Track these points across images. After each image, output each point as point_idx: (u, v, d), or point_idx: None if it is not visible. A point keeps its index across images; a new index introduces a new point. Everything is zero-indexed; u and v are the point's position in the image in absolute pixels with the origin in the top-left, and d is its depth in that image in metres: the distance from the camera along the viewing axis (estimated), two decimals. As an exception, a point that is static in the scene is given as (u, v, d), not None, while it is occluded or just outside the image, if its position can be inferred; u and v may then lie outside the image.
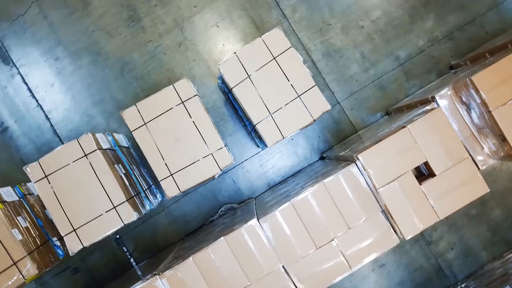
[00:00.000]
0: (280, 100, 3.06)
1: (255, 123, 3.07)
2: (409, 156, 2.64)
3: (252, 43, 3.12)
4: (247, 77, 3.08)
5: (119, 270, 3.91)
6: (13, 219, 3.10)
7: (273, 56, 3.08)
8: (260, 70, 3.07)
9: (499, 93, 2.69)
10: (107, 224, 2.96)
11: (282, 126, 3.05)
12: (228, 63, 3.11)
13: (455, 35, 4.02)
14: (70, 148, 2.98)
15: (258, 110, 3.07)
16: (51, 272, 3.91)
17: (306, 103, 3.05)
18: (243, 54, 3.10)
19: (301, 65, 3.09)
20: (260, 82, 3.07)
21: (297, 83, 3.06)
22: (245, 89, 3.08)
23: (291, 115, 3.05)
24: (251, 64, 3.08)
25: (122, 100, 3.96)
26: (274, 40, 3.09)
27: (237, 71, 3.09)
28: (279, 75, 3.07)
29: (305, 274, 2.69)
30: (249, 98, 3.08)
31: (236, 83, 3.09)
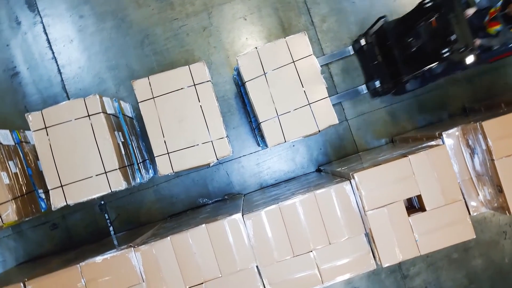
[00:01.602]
0: (290, 104, 3.06)
1: (261, 121, 3.07)
2: (404, 185, 2.63)
3: (275, 42, 3.13)
4: (263, 74, 3.08)
5: (97, 236, 3.91)
6: (4, 162, 3.11)
7: (293, 60, 3.08)
8: (277, 70, 3.08)
9: (506, 144, 2.68)
10: (95, 187, 2.96)
11: (286, 130, 3.06)
12: (247, 56, 3.11)
13: (475, 80, 4.01)
14: (76, 105, 2.99)
15: (267, 109, 3.07)
16: (29, 223, 3.92)
17: (315, 112, 3.06)
18: (264, 51, 3.10)
19: (318, 74, 3.09)
20: (275, 82, 3.07)
21: (311, 91, 3.06)
22: (258, 86, 3.09)
23: (298, 121, 3.05)
24: (269, 63, 3.09)
25: (136, 71, 3.97)
26: (297, 44, 3.10)
27: (255, 66, 3.09)
28: (295, 80, 3.07)
29: (277, 279, 2.69)
30: (260, 95, 3.08)
31: (250, 77, 3.10)
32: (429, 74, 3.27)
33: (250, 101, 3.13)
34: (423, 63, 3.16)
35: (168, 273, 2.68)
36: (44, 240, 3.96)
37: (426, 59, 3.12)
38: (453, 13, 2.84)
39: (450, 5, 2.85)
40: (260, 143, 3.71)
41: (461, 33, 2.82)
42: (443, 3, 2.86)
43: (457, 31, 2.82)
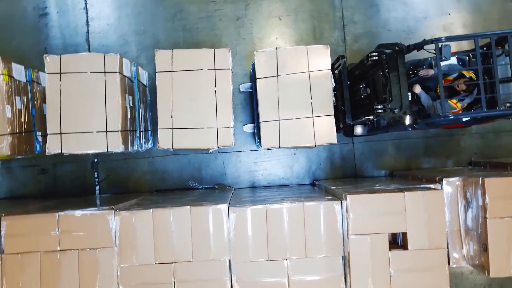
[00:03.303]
0: (294, 112, 3.05)
1: (261, 120, 3.07)
2: (393, 220, 2.62)
3: (296, 48, 3.12)
4: (276, 76, 3.07)
5: (82, 191, 3.92)
6: (11, 96, 3.11)
7: (309, 69, 3.06)
8: (290, 75, 3.06)
9: (502, 206, 2.67)
10: (93, 143, 2.96)
11: (283, 136, 3.04)
12: (265, 54, 3.10)
13: (489, 136, 4.00)
14: (95, 59, 2.99)
15: (270, 110, 3.05)
16: (20, 162, 3.93)
17: (316, 127, 3.04)
18: (283, 53, 3.09)
19: (329, 91, 3.07)
20: (285, 86, 3.06)
21: (318, 105, 3.04)
22: (268, 86, 3.07)
23: (297, 130, 3.04)
24: (285, 66, 3.07)
25: (161, 42, 3.97)
26: (317, 55, 3.08)
27: (270, 65, 3.08)
28: (305, 89, 3.05)
29: (245, 278, 2.68)
30: (268, 95, 3.06)
31: (263, 75, 3.08)
32: (377, 125, 3.25)
33: (257, 98, 3.12)
34: (363, 113, 3.15)
35: (142, 244, 2.67)
36: (29, 182, 3.96)
37: (366, 110, 3.11)
38: (395, 72, 2.82)
39: (393, 64, 2.83)
40: (256, 142, 3.70)
41: (398, 93, 2.79)
42: (387, 61, 2.84)
43: (394, 90, 2.79)
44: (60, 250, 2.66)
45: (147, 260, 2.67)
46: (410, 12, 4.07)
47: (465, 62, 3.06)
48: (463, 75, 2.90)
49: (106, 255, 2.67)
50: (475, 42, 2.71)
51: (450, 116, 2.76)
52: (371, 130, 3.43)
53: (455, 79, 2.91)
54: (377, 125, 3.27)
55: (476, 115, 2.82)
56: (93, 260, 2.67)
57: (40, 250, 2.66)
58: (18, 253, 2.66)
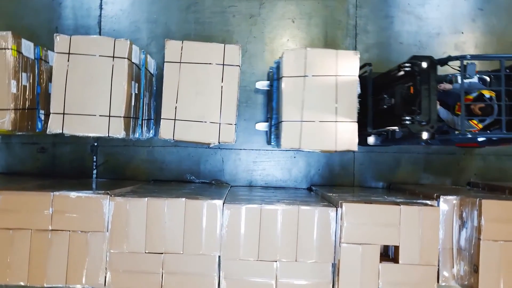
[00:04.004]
0: (317, 114, 3.03)
1: (283, 120, 3.05)
2: (387, 232, 2.61)
3: (326, 50, 3.11)
4: (303, 76, 3.05)
5: (79, 173, 3.92)
6: (18, 71, 3.11)
7: (336, 74, 3.05)
8: (317, 78, 3.05)
9: (497, 229, 2.66)
10: (95, 127, 2.97)
11: (304, 138, 3.03)
12: (294, 53, 3.09)
13: (490, 158, 3.99)
14: (105, 43, 2.99)
15: (293, 110, 3.04)
16: (20, 138, 3.92)
17: (338, 132, 3.03)
18: (312, 54, 3.08)
19: (355, 97, 3.06)
20: (311, 88, 3.05)
21: (342, 110, 3.03)
22: (294, 85, 3.06)
23: (319, 133, 3.03)
24: (313, 67, 3.06)
25: (172, 32, 3.97)
26: (346, 61, 3.07)
27: (298, 65, 3.07)
28: (331, 93, 3.04)
29: (234, 275, 2.68)
30: (292, 95, 3.05)
31: (289, 74, 3.07)
32: (391, 136, 3.25)
33: (280, 97, 3.10)
34: (387, 123, 3.14)
35: (133, 232, 2.67)
36: (28, 160, 3.96)
37: (390, 121, 3.09)
38: (426, 85, 2.82)
39: (425, 77, 2.83)
40: (272, 141, 3.64)
41: (427, 107, 2.80)
42: (420, 73, 2.84)
43: (423, 103, 2.80)
44: (51, 230, 2.66)
45: (137, 248, 2.67)
46: (423, 27, 4.06)
47: (485, 81, 3.06)
48: (482, 95, 2.89)
49: (97, 239, 2.67)
50: (501, 63, 2.74)
51: (468, 134, 2.75)
52: (385, 141, 3.41)
53: (476, 99, 2.91)
54: (392, 137, 3.25)
55: (495, 135, 2.83)
56: (84, 243, 2.66)
57: (32, 228, 2.66)
58: (10, 229, 2.66)
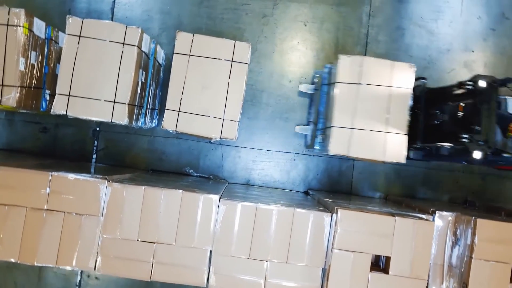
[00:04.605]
0: (368, 123, 3.04)
1: (334, 125, 3.06)
2: (380, 242, 2.62)
3: (381, 60, 3.11)
4: (357, 84, 3.06)
5: (78, 156, 3.93)
6: (27, 50, 3.12)
7: (390, 85, 3.06)
8: (371, 87, 3.06)
9: (490, 249, 2.67)
10: (99, 111, 2.98)
11: (354, 145, 3.04)
12: (351, 59, 3.09)
13: (490, 179, 3.99)
14: (117, 29, 3.00)
15: (345, 117, 3.05)
16: (23, 116, 3.94)
17: (387, 143, 3.04)
18: (368, 62, 3.09)
19: (406, 110, 3.07)
20: (364, 96, 3.05)
21: (393, 122, 3.04)
22: (347, 92, 3.07)
23: (368, 142, 3.04)
24: (368, 76, 3.07)
25: (184, 25, 3.98)
26: (400, 72, 3.08)
27: (353, 72, 3.08)
28: (383, 104, 3.05)
29: (223, 271, 2.68)
30: (345, 101, 3.06)
31: (343, 81, 3.08)
32: (435, 152, 3.25)
33: (332, 103, 3.11)
34: (438, 138, 3.14)
35: (127, 218, 2.67)
36: (29, 138, 3.97)
37: (443, 137, 3.09)
38: (487, 105, 2.82)
39: (487, 96, 2.83)
40: (316, 144, 3.58)
41: (487, 127, 2.80)
42: (482, 92, 2.84)
43: (484, 123, 2.80)
44: (46, 210, 2.67)
45: (130, 236, 2.68)
46: (434, 42, 4.06)
47: None
48: None
49: (91, 222, 2.68)
50: None
51: None
52: (427, 156, 3.39)
53: None
54: (436, 153, 3.24)
55: None
56: (77, 225, 2.67)
57: (27, 206, 2.67)
58: (5, 205, 2.66)
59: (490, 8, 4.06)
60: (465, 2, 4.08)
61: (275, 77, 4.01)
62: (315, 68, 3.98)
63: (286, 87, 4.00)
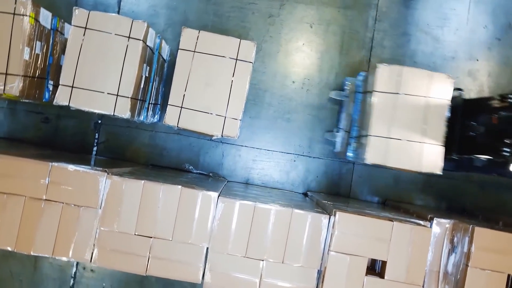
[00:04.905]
0: (405, 133, 3.03)
1: (371, 134, 3.04)
2: (377, 246, 2.62)
3: (420, 70, 3.11)
4: (395, 93, 3.05)
5: (79, 148, 3.93)
6: (32, 39, 3.13)
7: (428, 95, 3.05)
8: (409, 97, 3.05)
9: (486, 257, 2.67)
10: (101, 104, 2.98)
11: (390, 154, 3.02)
12: (390, 69, 3.08)
13: (489, 188, 3.98)
14: (122, 22, 3.00)
15: (382, 126, 3.04)
16: (26, 106, 3.94)
17: (423, 153, 3.02)
18: (406, 72, 3.07)
19: (443, 121, 3.06)
20: (401, 106, 3.04)
21: (429, 132, 3.03)
22: (385, 101, 3.06)
23: (404, 152, 3.02)
24: (406, 86, 3.06)
25: (190, 21, 3.98)
26: (438, 83, 3.07)
27: (391, 81, 3.06)
28: (421, 114, 3.04)
29: (219, 269, 2.68)
30: (383, 110, 3.05)
31: (381, 90, 3.07)
32: (467, 163, 3.21)
33: (369, 111, 3.10)
34: (475, 150, 3.12)
35: (126, 212, 2.68)
36: (30, 128, 3.98)
37: (480, 148, 3.08)
38: None
39: None
40: (351, 152, 3.53)
41: None
42: None
43: None
44: (45, 200, 2.67)
45: (127, 229, 2.68)
46: (439, 49, 4.06)
47: None
48: None
49: (89, 214, 2.68)
50: None
51: None
52: (459, 168, 3.36)
53: None
54: (469, 164, 3.21)
55: None
56: (75, 216, 2.67)
57: (26, 195, 2.67)
58: (4, 193, 2.67)
59: (497, 18, 4.06)
60: (472, 10, 4.08)
61: (278, 78, 4.01)
62: (319, 71, 3.99)
63: (289, 88, 4.00)
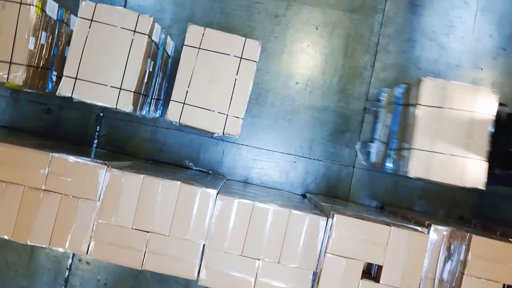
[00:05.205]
0: (448, 147, 3.02)
1: (414, 147, 3.03)
2: (373, 250, 2.62)
3: (464, 85, 3.09)
4: (439, 107, 3.04)
5: (80, 140, 3.93)
6: (38, 29, 3.13)
7: (472, 110, 3.04)
8: (453, 111, 3.03)
9: (482, 266, 2.67)
10: (104, 96, 2.98)
11: (434, 168, 3.00)
12: (435, 83, 3.06)
13: (488, 198, 3.98)
14: (129, 16, 3.00)
15: (426, 139, 3.02)
16: (29, 96, 3.94)
17: (466, 168, 3.01)
18: (451, 87, 3.05)
19: (487, 136, 3.04)
20: (446, 120, 3.03)
21: (473, 147, 3.02)
22: (429, 115, 3.04)
23: (447, 166, 3.01)
24: (450, 100, 3.04)
25: (196, 18, 3.98)
26: (483, 98, 3.05)
27: (435, 95, 3.05)
28: (464, 129, 3.02)
29: (214, 266, 2.68)
30: (427, 124, 3.03)
31: (426, 103, 3.05)
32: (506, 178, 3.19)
33: (413, 124, 3.08)
34: None
35: (124, 205, 2.68)
36: (32, 118, 3.98)
37: None
38: None
39: None
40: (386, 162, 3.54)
41: None
42: None
43: None
44: (44, 190, 2.67)
45: (125, 223, 2.68)
46: (444, 56, 4.06)
47: None
48: None
49: (87, 206, 2.68)
50: None
51: None
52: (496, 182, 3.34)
53: None
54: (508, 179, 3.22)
55: None
56: (73, 208, 2.67)
57: (25, 185, 2.67)
58: (3, 182, 2.67)
59: (503, 28, 4.06)
60: (478, 19, 4.08)
61: (282, 78, 4.01)
62: (323, 73, 3.99)
63: (292, 89, 4.00)
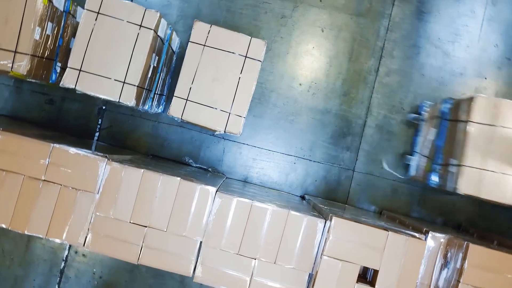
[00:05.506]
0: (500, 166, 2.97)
1: (464, 164, 3.01)
2: (370, 254, 2.61)
3: None
4: (491, 125, 2.99)
5: (81, 132, 3.93)
6: (44, 20, 3.13)
7: None
8: (504, 129, 2.98)
9: (478, 275, 2.67)
10: (107, 89, 2.98)
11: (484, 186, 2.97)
12: (487, 101, 3.03)
13: (486, 206, 3.98)
14: (135, 10, 3.01)
15: (476, 157, 2.99)
16: (32, 86, 3.95)
17: None
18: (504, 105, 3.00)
19: None
20: (497, 138, 2.99)
21: None
22: (481, 132, 2.99)
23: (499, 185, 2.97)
24: (503, 118, 2.98)
25: (203, 15, 3.98)
26: None
27: (487, 113, 3.01)
28: None
29: (211, 263, 2.68)
30: (478, 141, 3.00)
31: (478, 120, 3.00)
32: None
33: (464, 141, 3.05)
34: None
35: (122, 199, 2.68)
36: (34, 108, 3.98)
37: None
38: None
39: None
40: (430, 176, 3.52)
41: None
42: None
43: None
44: (43, 180, 2.68)
45: (123, 216, 2.68)
46: (448, 64, 4.06)
47: None
48: None
49: (86, 198, 2.68)
50: None
51: None
52: None
53: None
54: None
55: None
56: (72, 199, 2.68)
57: (25, 174, 2.67)
58: (3, 170, 2.67)
59: (509, 38, 4.06)
60: (484, 28, 4.08)
61: (285, 79, 4.01)
62: (327, 76, 3.99)
63: (295, 90, 4.00)
